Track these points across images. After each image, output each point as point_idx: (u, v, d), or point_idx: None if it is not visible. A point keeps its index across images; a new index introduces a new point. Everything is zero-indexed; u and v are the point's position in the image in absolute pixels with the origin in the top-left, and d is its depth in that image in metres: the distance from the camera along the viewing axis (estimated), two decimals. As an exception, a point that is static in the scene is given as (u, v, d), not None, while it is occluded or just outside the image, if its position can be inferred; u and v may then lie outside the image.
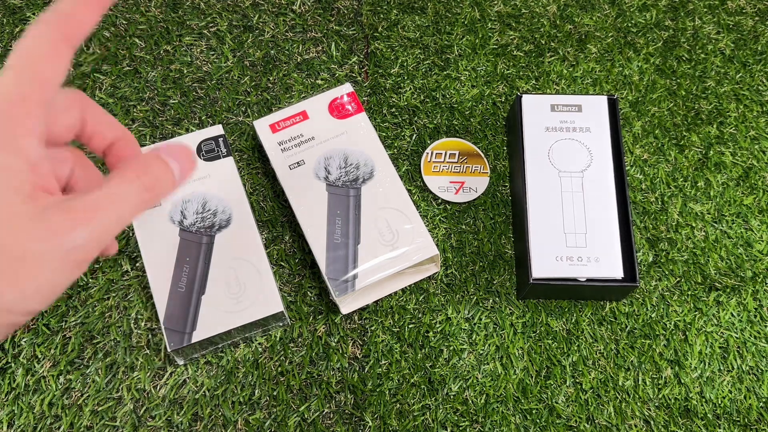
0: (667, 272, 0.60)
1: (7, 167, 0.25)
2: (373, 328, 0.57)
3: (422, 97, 0.66)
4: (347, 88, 0.61)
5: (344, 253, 0.54)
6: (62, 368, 0.54)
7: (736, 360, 0.57)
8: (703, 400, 0.55)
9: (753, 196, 0.63)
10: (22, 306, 0.26)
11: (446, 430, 0.54)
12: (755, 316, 0.58)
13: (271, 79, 0.67)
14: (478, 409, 0.54)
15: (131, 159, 0.29)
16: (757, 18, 0.73)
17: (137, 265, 0.58)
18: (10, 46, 0.66)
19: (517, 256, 0.59)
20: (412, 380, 0.55)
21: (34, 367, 0.54)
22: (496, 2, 0.72)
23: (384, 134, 0.65)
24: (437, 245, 0.59)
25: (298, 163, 0.57)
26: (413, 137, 0.65)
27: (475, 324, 0.57)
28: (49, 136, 0.28)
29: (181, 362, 0.54)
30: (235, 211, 0.56)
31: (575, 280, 0.54)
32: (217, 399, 0.54)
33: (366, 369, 0.55)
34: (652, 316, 0.58)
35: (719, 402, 0.55)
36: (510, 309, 0.58)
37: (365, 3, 0.71)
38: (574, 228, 0.55)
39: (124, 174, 0.28)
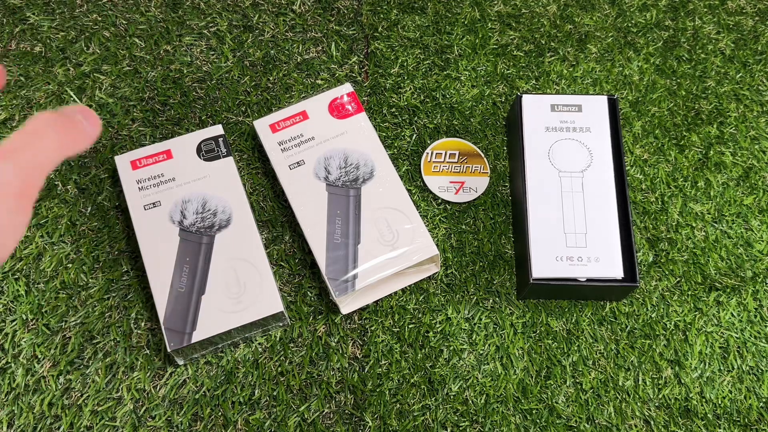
0: (667, 272, 0.60)
1: None
2: (373, 328, 0.57)
3: (422, 97, 0.66)
4: (347, 88, 0.61)
5: (344, 253, 0.54)
6: (62, 368, 0.54)
7: (736, 360, 0.57)
8: (704, 400, 0.55)
9: (753, 196, 0.63)
10: None
11: (446, 430, 0.54)
12: (755, 316, 0.58)
13: (271, 79, 0.67)
14: (478, 409, 0.54)
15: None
16: (757, 18, 0.73)
17: (137, 265, 0.58)
18: (11, 46, 0.66)
19: (517, 256, 0.59)
20: (412, 380, 0.55)
21: (34, 367, 0.54)
22: (496, 2, 0.72)
23: (384, 134, 0.64)
24: (437, 245, 0.59)
25: (298, 163, 0.57)
26: (413, 137, 0.65)
27: (475, 324, 0.57)
28: None
29: (181, 362, 0.54)
30: (235, 211, 0.56)
31: (575, 280, 0.54)
32: (217, 399, 0.54)
33: (366, 369, 0.55)
34: (652, 316, 0.58)
35: (719, 402, 0.55)
36: (510, 309, 0.58)
37: (365, 3, 0.71)
38: (574, 228, 0.55)
39: (42, 114, 0.31)
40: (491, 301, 0.58)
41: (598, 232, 0.55)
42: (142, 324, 0.56)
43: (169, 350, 0.51)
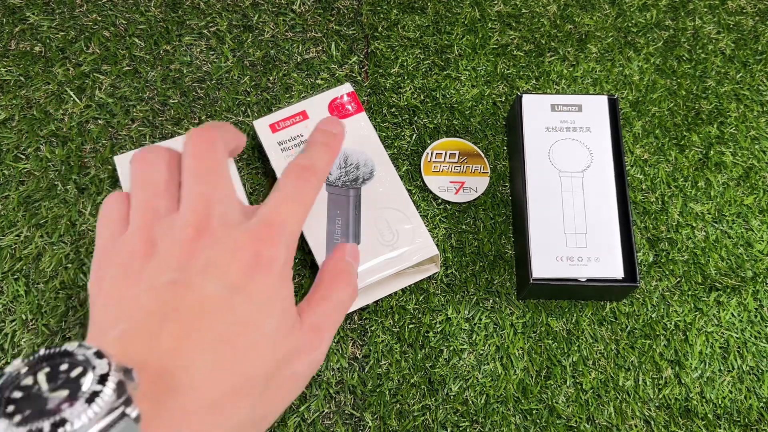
0: (667, 272, 0.60)
1: (289, 296, 0.29)
2: (373, 328, 0.57)
3: (422, 97, 0.66)
4: (347, 88, 0.61)
5: (344, 253, 0.54)
6: (62, 368, 0.54)
7: (736, 360, 0.57)
8: (704, 400, 0.55)
9: (753, 196, 0.63)
10: (276, 418, 0.29)
11: (446, 430, 0.53)
12: (756, 316, 0.58)
13: (270, 79, 0.66)
14: (479, 410, 0.54)
15: (330, 263, 0.35)
16: (757, 18, 0.73)
17: (137, 265, 0.58)
18: (10, 46, 0.66)
19: (517, 256, 0.59)
20: (412, 380, 0.55)
21: (34, 367, 0.54)
22: (496, 2, 0.72)
23: (384, 134, 0.64)
24: (437, 245, 0.59)
25: (298, 163, 0.57)
26: (413, 137, 0.65)
27: (475, 324, 0.57)
28: None
29: (181, 362, 0.54)
30: (235, 211, 0.55)
31: (575, 280, 0.54)
32: (216, 399, 0.54)
33: (366, 369, 0.55)
34: (653, 316, 0.58)
35: (720, 402, 0.55)
36: (510, 309, 0.58)
37: (365, 3, 0.71)
38: (574, 228, 0.55)
39: (336, 281, 0.33)
40: (491, 301, 0.58)
41: (599, 232, 0.55)
42: (142, 324, 0.56)
43: (169, 350, 0.50)
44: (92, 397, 0.20)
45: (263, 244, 0.27)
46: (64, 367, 0.21)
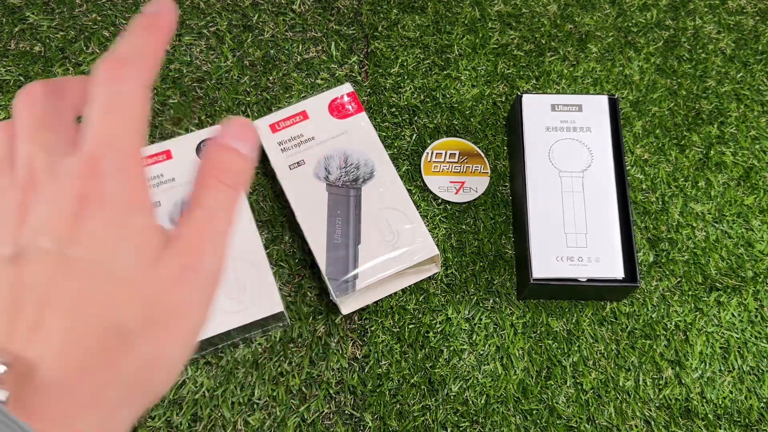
0: (667, 272, 0.60)
1: (143, 227, 0.26)
2: (373, 328, 0.57)
3: (422, 97, 0.66)
4: (347, 88, 0.61)
5: (344, 254, 0.54)
6: (62, 369, 0.54)
7: (736, 360, 0.57)
8: (704, 400, 0.55)
9: (754, 196, 0.63)
10: (183, 355, 0.26)
11: (446, 430, 0.53)
12: (756, 317, 0.58)
13: (270, 78, 0.66)
14: (479, 410, 0.54)
15: (206, 157, 0.29)
16: (757, 18, 0.73)
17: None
18: (10, 46, 0.66)
19: (517, 256, 0.59)
20: (412, 381, 0.55)
21: (34, 367, 0.54)
22: (496, 2, 0.72)
23: (384, 134, 0.64)
24: (437, 245, 0.59)
25: (298, 163, 0.57)
26: (413, 137, 0.64)
27: (475, 324, 0.57)
28: None
29: (180, 363, 0.54)
30: (234, 211, 0.55)
31: (576, 280, 0.54)
32: (216, 399, 0.53)
33: (366, 369, 0.55)
34: (653, 316, 0.58)
35: (720, 402, 0.55)
36: (510, 309, 0.58)
37: (365, 3, 0.71)
38: (574, 228, 0.55)
39: (205, 184, 0.28)
40: (491, 301, 0.58)
41: (599, 232, 0.55)
42: (142, 324, 0.56)
43: (168, 350, 0.50)
44: None
45: (87, 182, 0.25)
46: None
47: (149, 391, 0.26)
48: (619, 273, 0.54)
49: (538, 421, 0.54)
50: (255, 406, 0.54)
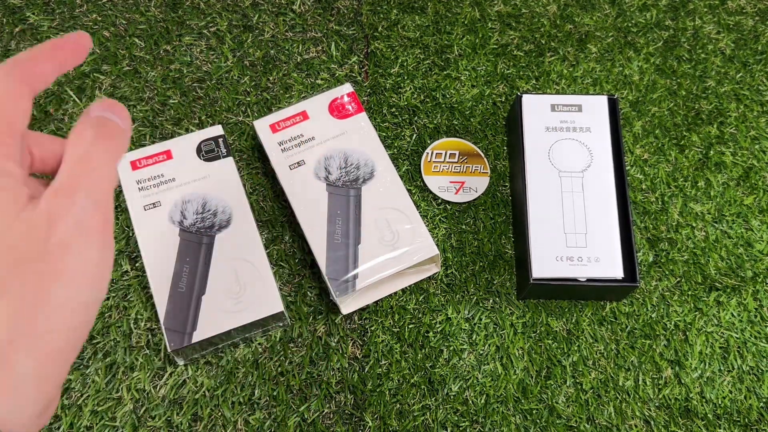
0: (667, 272, 0.60)
1: (3, 186, 0.26)
2: (373, 328, 0.57)
3: (422, 97, 0.66)
4: (347, 88, 0.61)
5: (344, 254, 0.54)
6: (62, 368, 0.54)
7: (736, 360, 0.57)
8: (704, 400, 0.55)
9: (753, 196, 0.63)
10: (82, 297, 0.26)
11: (446, 430, 0.53)
12: (755, 316, 0.58)
13: (271, 79, 0.66)
14: (479, 410, 0.54)
15: (78, 122, 0.30)
16: (757, 18, 0.73)
17: (137, 265, 0.58)
18: (11, 46, 0.66)
19: (517, 256, 0.59)
20: (412, 380, 0.55)
21: (34, 367, 0.54)
22: (496, 2, 0.72)
23: (384, 134, 0.64)
24: (437, 245, 0.59)
25: (298, 163, 0.57)
26: (413, 137, 0.65)
27: (475, 324, 0.57)
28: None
29: (181, 362, 0.54)
30: (235, 211, 0.56)
31: (575, 280, 0.54)
32: (217, 399, 0.54)
33: (366, 369, 0.55)
34: (653, 316, 0.58)
35: (719, 402, 0.55)
36: (510, 309, 0.58)
37: (365, 3, 0.71)
38: (574, 228, 0.55)
39: (80, 133, 0.28)
40: (491, 301, 0.58)
41: (599, 232, 0.55)
42: (142, 324, 0.56)
43: (169, 350, 0.50)
44: None
45: None
46: None
47: (56, 329, 0.25)
48: (618, 273, 0.54)
49: (538, 420, 0.54)
50: (255, 405, 0.54)
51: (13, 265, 0.25)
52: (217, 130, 0.59)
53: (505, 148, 0.65)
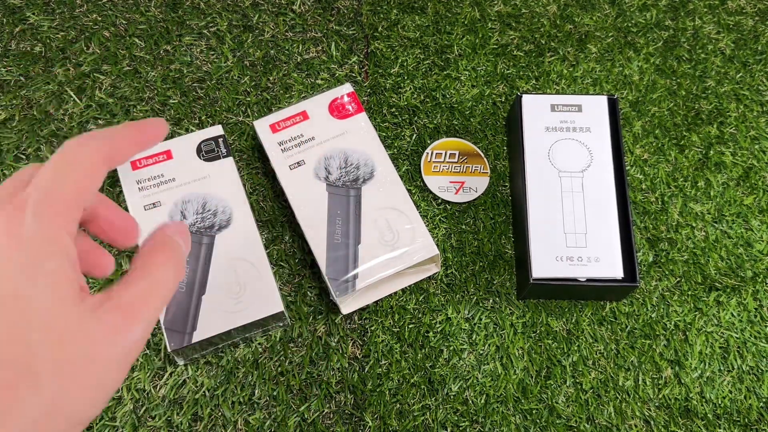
0: (667, 272, 0.60)
1: (57, 271, 0.26)
2: (373, 328, 0.57)
3: (422, 97, 0.66)
4: (347, 88, 0.61)
5: (344, 253, 0.54)
6: (62, 368, 0.54)
7: (736, 360, 0.57)
8: (704, 400, 0.55)
9: (753, 196, 0.63)
10: (86, 415, 0.26)
11: (446, 430, 0.54)
12: (755, 316, 0.58)
13: (271, 79, 0.67)
14: (478, 409, 0.54)
15: (150, 242, 0.30)
16: (757, 18, 0.73)
17: (137, 265, 0.58)
18: (11, 46, 0.66)
19: (517, 256, 0.59)
20: (412, 380, 0.55)
21: (34, 367, 0.54)
22: (496, 2, 0.72)
23: (384, 134, 0.64)
24: (437, 245, 0.59)
25: (298, 163, 0.57)
26: (413, 137, 0.65)
27: (475, 324, 0.57)
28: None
29: (181, 362, 0.54)
30: (235, 211, 0.56)
31: (575, 280, 0.54)
32: (217, 399, 0.54)
33: (366, 369, 0.55)
34: (653, 316, 0.58)
35: (719, 402, 0.55)
36: (510, 309, 0.58)
37: (365, 3, 0.71)
38: (574, 228, 0.55)
39: (155, 258, 0.29)
40: (491, 301, 0.58)
41: (598, 232, 0.55)
42: (142, 324, 0.56)
43: (169, 350, 0.51)
44: None
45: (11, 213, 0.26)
46: None
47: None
48: (618, 273, 0.54)
49: (538, 420, 0.54)
50: (255, 405, 0.54)
51: (53, 363, 0.24)
52: (217, 130, 0.59)
53: (505, 148, 0.65)
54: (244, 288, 0.53)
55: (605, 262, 0.54)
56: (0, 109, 0.64)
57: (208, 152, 0.58)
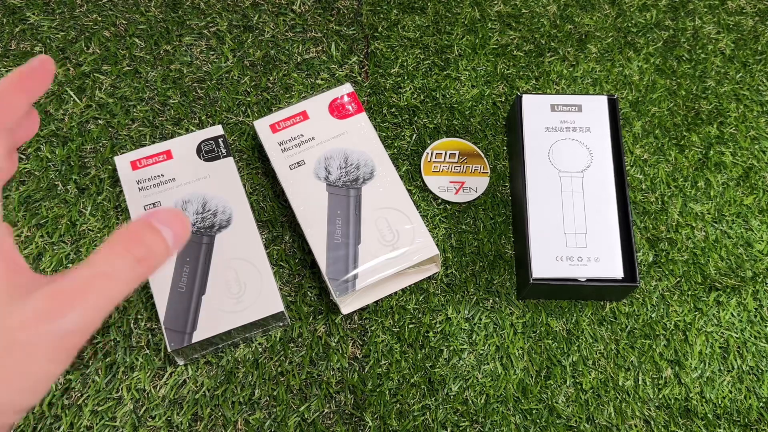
0: (667, 272, 0.60)
1: None
2: (373, 328, 0.57)
3: (422, 97, 0.66)
4: (347, 88, 0.61)
5: (344, 253, 0.54)
6: (62, 368, 0.54)
7: (736, 360, 0.57)
8: (704, 400, 0.55)
9: (753, 196, 0.63)
10: (16, 403, 0.25)
11: (446, 430, 0.54)
12: (755, 316, 0.58)
13: (271, 79, 0.67)
14: (478, 410, 0.54)
15: (123, 230, 0.27)
16: (757, 18, 0.73)
17: (137, 265, 0.58)
18: (11, 46, 0.66)
19: (517, 256, 0.59)
20: (412, 380, 0.55)
21: (34, 367, 0.54)
22: (496, 2, 0.72)
23: (384, 134, 0.65)
24: (437, 245, 0.59)
25: (298, 163, 0.57)
26: (413, 137, 0.65)
27: (475, 324, 0.57)
28: None
29: (181, 362, 0.54)
30: (235, 211, 0.56)
31: (575, 280, 0.54)
32: (217, 399, 0.54)
33: (366, 369, 0.55)
34: (652, 316, 0.58)
35: (719, 402, 0.55)
36: (510, 309, 0.58)
37: (365, 3, 0.71)
38: (574, 228, 0.55)
39: (112, 248, 0.26)
40: (491, 301, 0.58)
41: (598, 232, 0.55)
42: (142, 324, 0.56)
43: (169, 350, 0.51)
44: None
45: None
46: None
47: None
48: (618, 273, 0.54)
49: (538, 420, 0.54)
50: (255, 405, 0.54)
51: None
52: (217, 130, 0.59)
53: (505, 148, 0.65)
54: (244, 288, 0.53)
55: (605, 262, 0.54)
56: None
57: (208, 152, 0.58)
